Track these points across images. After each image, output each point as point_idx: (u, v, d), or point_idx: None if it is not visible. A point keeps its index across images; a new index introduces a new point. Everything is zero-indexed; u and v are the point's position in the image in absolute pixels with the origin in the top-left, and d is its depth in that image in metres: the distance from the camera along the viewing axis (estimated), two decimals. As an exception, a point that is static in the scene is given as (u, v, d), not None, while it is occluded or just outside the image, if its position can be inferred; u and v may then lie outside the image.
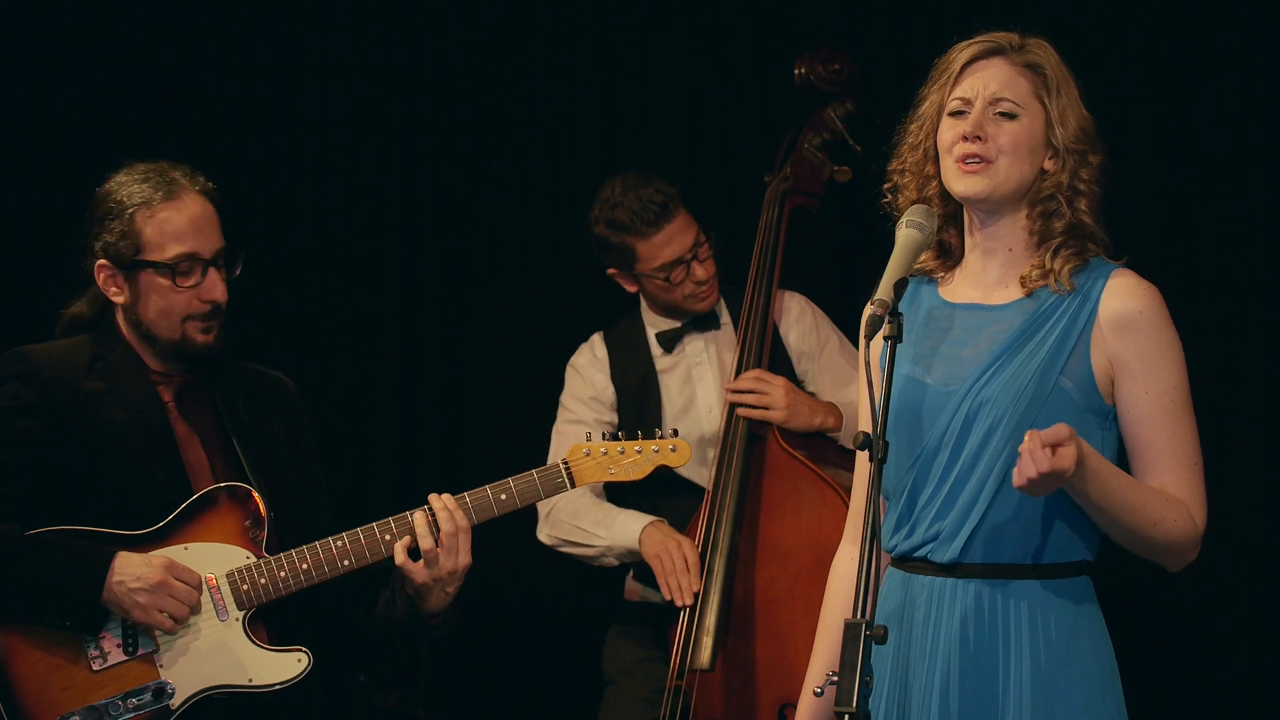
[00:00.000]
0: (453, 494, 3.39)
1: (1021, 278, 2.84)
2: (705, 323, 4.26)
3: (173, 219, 3.36)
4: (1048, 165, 2.83)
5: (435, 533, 3.35)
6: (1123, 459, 2.82)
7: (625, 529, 4.08)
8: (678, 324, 4.26)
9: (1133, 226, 4.46)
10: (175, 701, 3.25)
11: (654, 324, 4.29)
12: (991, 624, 2.76)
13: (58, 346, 3.44)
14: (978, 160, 2.79)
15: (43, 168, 4.79)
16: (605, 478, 3.45)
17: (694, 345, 4.26)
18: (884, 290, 2.67)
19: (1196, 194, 4.44)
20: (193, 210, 3.37)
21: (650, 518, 4.08)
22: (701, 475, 4.13)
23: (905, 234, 2.77)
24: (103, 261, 3.38)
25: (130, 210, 3.35)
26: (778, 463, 4.03)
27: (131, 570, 3.22)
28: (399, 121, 4.97)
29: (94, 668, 3.25)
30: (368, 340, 4.97)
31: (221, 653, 3.28)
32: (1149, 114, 4.46)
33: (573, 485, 3.43)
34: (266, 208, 5.01)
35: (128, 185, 3.38)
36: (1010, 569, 2.77)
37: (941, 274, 2.93)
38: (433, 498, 3.39)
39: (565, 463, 3.43)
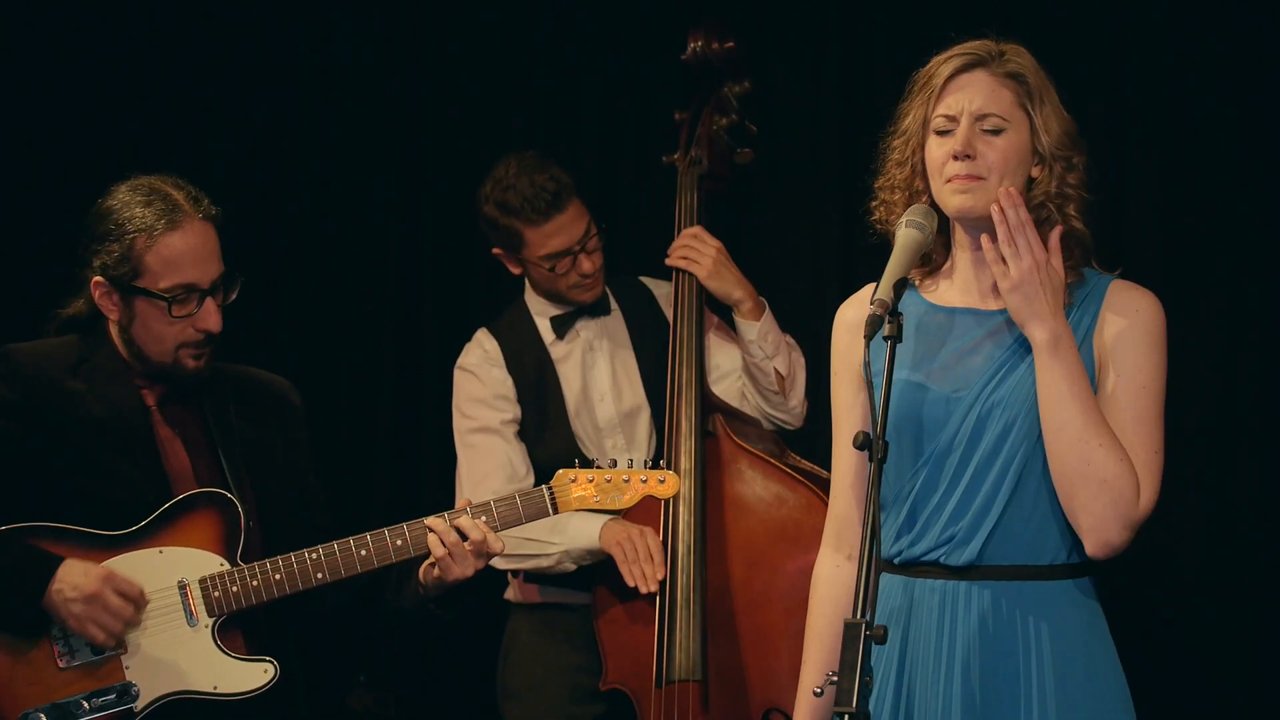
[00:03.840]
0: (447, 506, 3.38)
1: None
2: (595, 309, 4.20)
3: (174, 249, 3.28)
4: (1034, 173, 2.84)
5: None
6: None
7: (581, 530, 3.97)
8: (568, 309, 4.19)
9: (1133, 228, 4.45)
10: (139, 704, 3.24)
11: (542, 311, 4.21)
12: (1010, 624, 2.78)
13: (45, 345, 3.41)
14: (969, 178, 2.80)
15: (43, 167, 4.79)
16: (589, 505, 3.40)
17: (587, 331, 4.20)
18: (884, 290, 2.68)
19: (1197, 196, 4.43)
20: (194, 240, 3.30)
21: (604, 516, 3.96)
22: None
23: (905, 234, 2.77)
24: (99, 279, 3.33)
25: (131, 235, 3.29)
26: (733, 458, 3.96)
27: (70, 579, 3.19)
28: (399, 121, 4.96)
29: (60, 665, 3.24)
30: (368, 340, 4.96)
31: (188, 658, 3.26)
32: (1149, 116, 4.44)
33: (555, 511, 3.38)
34: (266, 209, 5.00)
35: (130, 206, 3.30)
36: (1025, 570, 2.80)
37: (921, 280, 2.94)
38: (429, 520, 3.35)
39: (550, 488, 3.38)
